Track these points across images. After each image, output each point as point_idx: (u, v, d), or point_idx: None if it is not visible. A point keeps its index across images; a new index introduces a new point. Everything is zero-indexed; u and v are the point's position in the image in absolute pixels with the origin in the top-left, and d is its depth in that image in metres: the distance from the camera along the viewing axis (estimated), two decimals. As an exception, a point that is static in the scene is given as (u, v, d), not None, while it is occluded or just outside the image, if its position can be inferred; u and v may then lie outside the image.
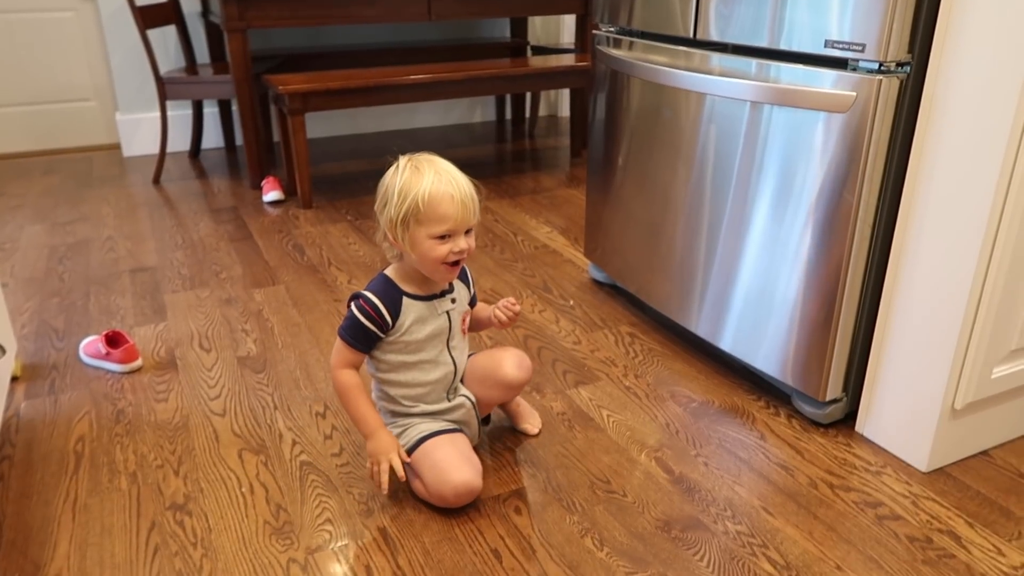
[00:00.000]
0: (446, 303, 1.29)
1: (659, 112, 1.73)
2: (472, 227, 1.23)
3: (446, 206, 1.18)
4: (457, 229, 1.20)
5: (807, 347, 1.45)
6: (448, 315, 1.30)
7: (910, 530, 1.23)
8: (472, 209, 1.21)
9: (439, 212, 1.18)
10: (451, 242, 1.20)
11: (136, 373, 1.72)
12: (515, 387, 1.37)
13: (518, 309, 1.35)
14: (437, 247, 1.20)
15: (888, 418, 1.41)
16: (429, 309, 1.27)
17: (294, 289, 2.14)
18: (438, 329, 1.29)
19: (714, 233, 1.62)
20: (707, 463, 1.40)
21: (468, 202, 1.20)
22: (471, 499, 1.27)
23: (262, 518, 1.27)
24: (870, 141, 1.28)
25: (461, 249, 1.21)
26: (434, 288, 1.29)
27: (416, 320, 1.27)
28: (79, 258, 2.39)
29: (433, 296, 1.28)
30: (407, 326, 1.26)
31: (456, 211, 1.19)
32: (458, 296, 1.32)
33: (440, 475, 1.24)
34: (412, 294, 1.27)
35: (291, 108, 2.69)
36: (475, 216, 1.22)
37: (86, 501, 1.32)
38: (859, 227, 1.33)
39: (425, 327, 1.27)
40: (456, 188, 1.19)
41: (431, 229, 1.19)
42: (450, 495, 1.24)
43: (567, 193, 2.97)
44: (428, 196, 1.17)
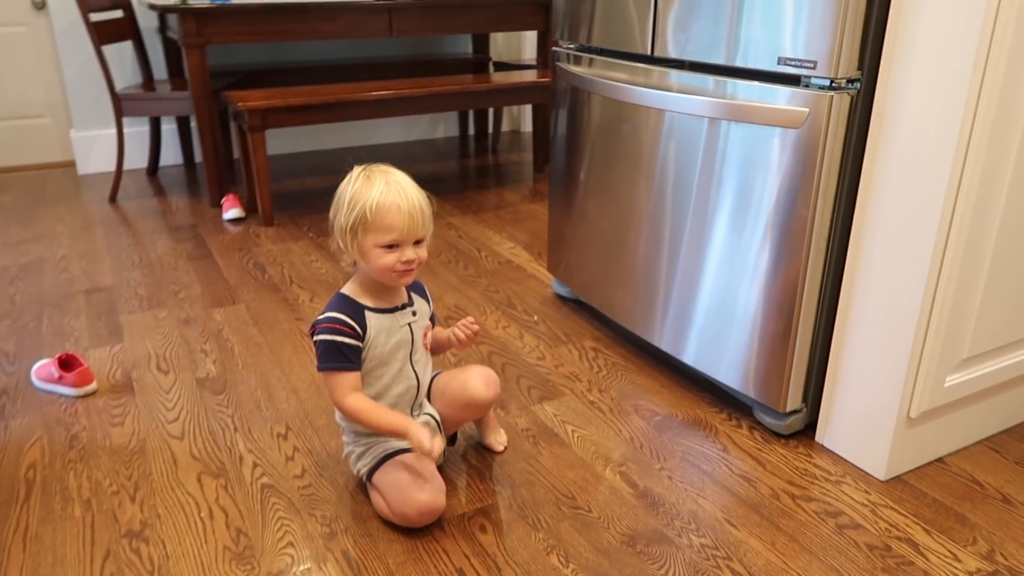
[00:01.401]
0: (407, 315, 1.29)
1: (619, 128, 1.75)
2: (422, 238, 1.23)
3: (393, 216, 1.18)
4: (404, 239, 1.20)
5: (767, 359, 1.47)
6: (410, 327, 1.29)
7: (869, 538, 1.24)
8: (420, 221, 1.21)
9: (386, 222, 1.19)
10: (399, 252, 1.21)
11: (91, 397, 1.68)
12: (483, 406, 1.36)
13: (477, 328, 1.34)
14: (384, 256, 1.20)
15: (846, 428, 1.43)
16: (391, 320, 1.27)
17: (255, 308, 2.11)
18: (401, 341, 1.28)
19: (675, 247, 1.64)
20: (671, 476, 1.40)
21: (416, 214, 1.20)
22: (434, 518, 1.25)
23: (222, 543, 1.25)
24: (823, 155, 1.31)
25: (408, 259, 1.21)
26: (394, 301, 1.28)
27: (379, 331, 1.26)
28: (32, 279, 2.33)
29: (394, 308, 1.28)
30: (372, 337, 1.25)
31: (403, 222, 1.19)
32: (418, 310, 1.32)
33: (403, 494, 1.23)
34: (372, 307, 1.26)
35: (251, 125, 2.66)
36: (424, 228, 1.22)
37: (37, 530, 1.28)
38: (815, 240, 1.36)
39: (389, 338, 1.27)
40: (404, 199, 1.19)
41: (378, 238, 1.20)
42: (413, 514, 1.23)
43: (530, 208, 2.99)
44: (376, 206, 1.18)
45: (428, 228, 1.24)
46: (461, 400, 1.34)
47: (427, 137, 4.26)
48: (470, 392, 1.33)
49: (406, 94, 2.86)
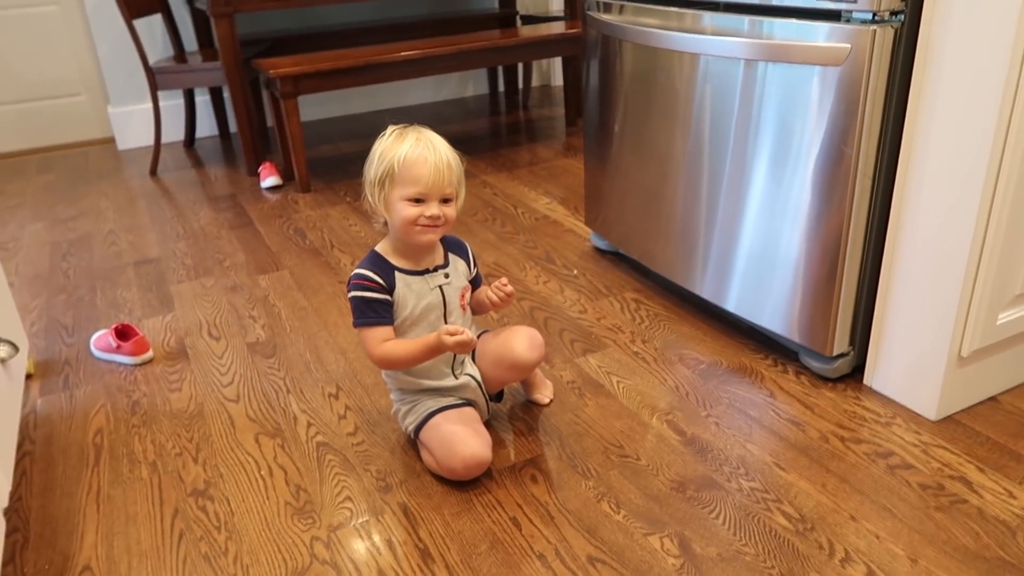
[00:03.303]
0: (438, 278, 1.30)
1: (653, 75, 1.72)
2: (450, 197, 1.23)
3: (419, 168, 1.20)
4: (430, 194, 1.21)
5: (812, 303, 1.46)
6: (441, 290, 1.30)
7: (922, 478, 1.24)
8: (447, 177, 1.21)
9: (412, 173, 1.20)
10: (424, 206, 1.21)
11: (148, 364, 1.73)
12: (527, 367, 1.36)
13: (510, 290, 1.31)
14: (408, 208, 1.21)
15: (896, 369, 1.42)
16: (421, 283, 1.28)
17: (298, 273, 2.14)
18: (432, 303, 1.29)
19: (714, 194, 1.62)
20: (718, 423, 1.41)
21: (443, 168, 1.21)
22: (481, 471, 1.28)
23: (283, 499, 1.29)
24: (867, 93, 1.28)
25: (432, 215, 1.21)
26: (425, 263, 1.29)
27: (408, 293, 1.28)
28: (82, 254, 2.39)
29: (425, 271, 1.29)
30: (400, 299, 1.27)
31: (429, 174, 1.20)
32: (453, 272, 1.32)
33: (449, 448, 1.26)
34: (402, 268, 1.28)
35: (283, 92, 2.67)
36: (451, 185, 1.22)
37: (109, 492, 1.34)
38: (859, 180, 1.33)
39: (419, 301, 1.28)
40: (432, 152, 1.21)
41: (404, 190, 1.21)
42: (459, 467, 1.26)
43: (564, 163, 2.97)
44: (404, 158, 1.20)
45: (457, 188, 1.24)
46: (506, 362, 1.34)
47: (457, 96, 4.23)
48: (515, 354, 1.33)
49: (434, 53, 2.84)
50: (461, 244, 1.37)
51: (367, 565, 1.15)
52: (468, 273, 1.36)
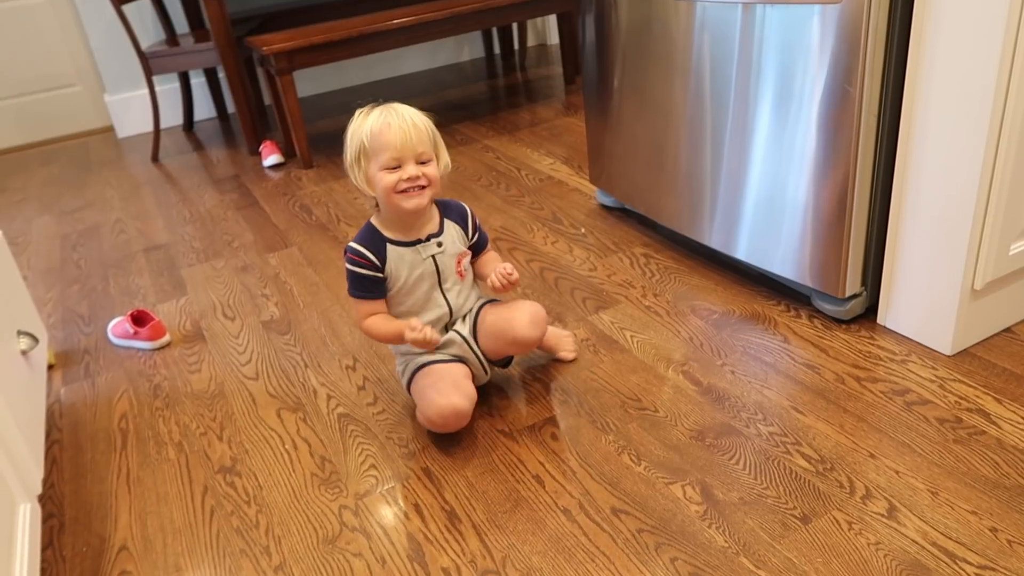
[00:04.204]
0: (431, 247, 1.30)
1: (650, 26, 1.70)
2: (426, 158, 1.23)
3: (386, 135, 1.21)
4: (403, 156, 1.21)
5: (822, 245, 1.46)
6: (434, 259, 1.30)
7: (939, 413, 1.25)
8: (416, 136, 1.21)
9: (381, 141, 1.21)
10: (400, 171, 1.22)
11: (166, 348, 1.75)
12: (528, 344, 1.34)
13: (515, 278, 1.29)
14: (386, 176, 1.22)
15: (909, 306, 1.42)
16: (412, 254, 1.29)
17: (307, 249, 2.15)
18: (424, 273, 1.30)
19: (718, 143, 1.61)
20: (734, 371, 1.42)
21: (408, 128, 1.21)
22: (458, 422, 1.28)
23: (309, 471, 1.32)
24: (867, 30, 1.25)
25: (410, 176, 1.21)
26: (417, 233, 1.29)
27: (400, 265, 1.29)
28: (92, 243, 2.41)
29: (417, 241, 1.29)
30: (393, 271, 1.29)
31: (396, 137, 1.20)
32: (446, 240, 1.31)
33: (427, 399, 1.28)
34: (394, 240, 1.28)
35: (278, 68, 2.65)
36: (423, 144, 1.22)
37: (138, 474, 1.37)
38: (864, 118, 1.32)
39: (412, 271, 1.29)
40: (396, 117, 1.21)
41: (378, 160, 1.22)
42: (435, 417, 1.27)
43: (565, 122, 2.94)
44: (370, 130, 1.22)
45: (433, 148, 1.24)
46: (506, 337, 1.33)
47: (453, 61, 4.19)
48: (515, 330, 1.32)
49: (427, 19, 2.81)
50: (460, 209, 1.37)
51: (395, 530, 1.17)
52: (465, 239, 1.35)
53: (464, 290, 1.36)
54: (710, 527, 1.10)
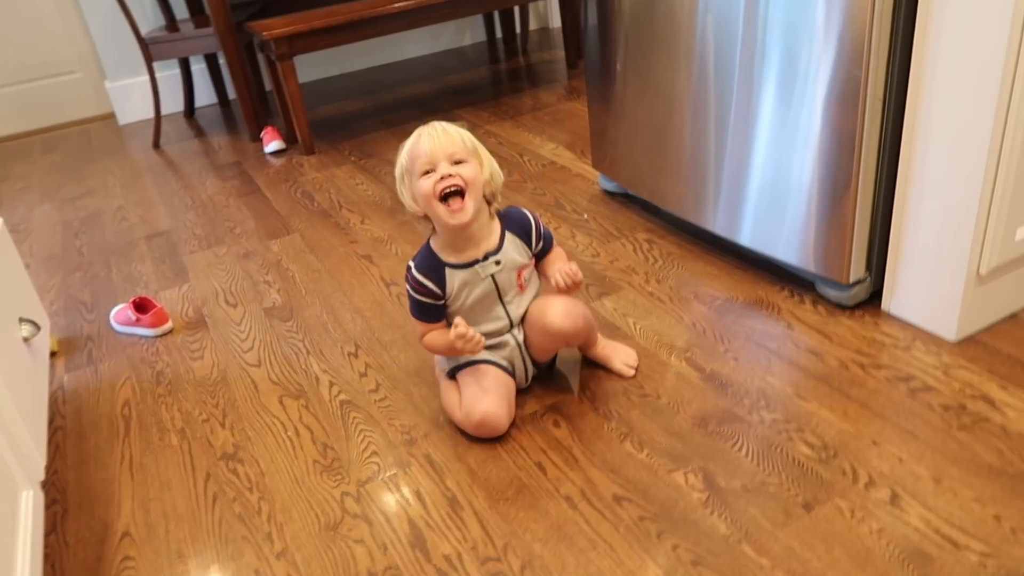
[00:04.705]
0: (489, 267, 1.27)
1: (653, 9, 1.68)
2: (460, 158, 1.21)
3: (418, 145, 1.22)
4: (434, 158, 1.20)
5: (826, 231, 1.45)
6: (494, 279, 1.28)
7: (943, 399, 1.24)
8: (447, 139, 1.21)
9: (414, 153, 1.23)
10: (435, 173, 1.20)
11: (168, 335, 1.75)
12: (561, 336, 1.31)
13: (579, 279, 1.25)
14: (424, 183, 1.21)
15: (913, 292, 1.41)
16: (471, 275, 1.27)
17: (309, 236, 2.15)
18: (485, 291, 1.28)
19: (722, 127, 1.60)
20: (737, 358, 1.41)
21: (438, 134, 1.21)
22: (491, 432, 1.28)
23: (311, 458, 1.32)
24: (873, 12, 1.24)
25: (444, 175, 1.19)
26: (474, 252, 1.27)
27: (461, 287, 1.28)
28: (94, 231, 2.40)
29: (474, 262, 1.27)
30: (453, 294, 1.28)
31: (426, 143, 1.21)
32: (505, 256, 1.28)
33: (471, 401, 1.27)
34: (452, 263, 1.27)
35: (278, 53, 2.64)
36: (455, 146, 1.21)
37: (141, 460, 1.37)
38: (869, 102, 1.30)
39: (472, 291, 1.28)
40: (428, 128, 1.23)
41: (417, 168, 1.22)
42: (474, 422, 1.27)
43: (568, 107, 2.92)
44: (408, 148, 1.24)
45: (468, 153, 1.22)
46: (538, 325, 1.31)
47: (455, 46, 4.16)
48: (546, 319, 1.29)
49: (428, 2, 2.78)
50: (522, 220, 1.31)
51: (397, 516, 1.17)
52: (527, 251, 1.31)
53: (526, 299, 1.33)
54: (712, 514, 1.09)
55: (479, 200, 1.23)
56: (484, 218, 1.27)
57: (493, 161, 1.27)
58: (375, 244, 2.04)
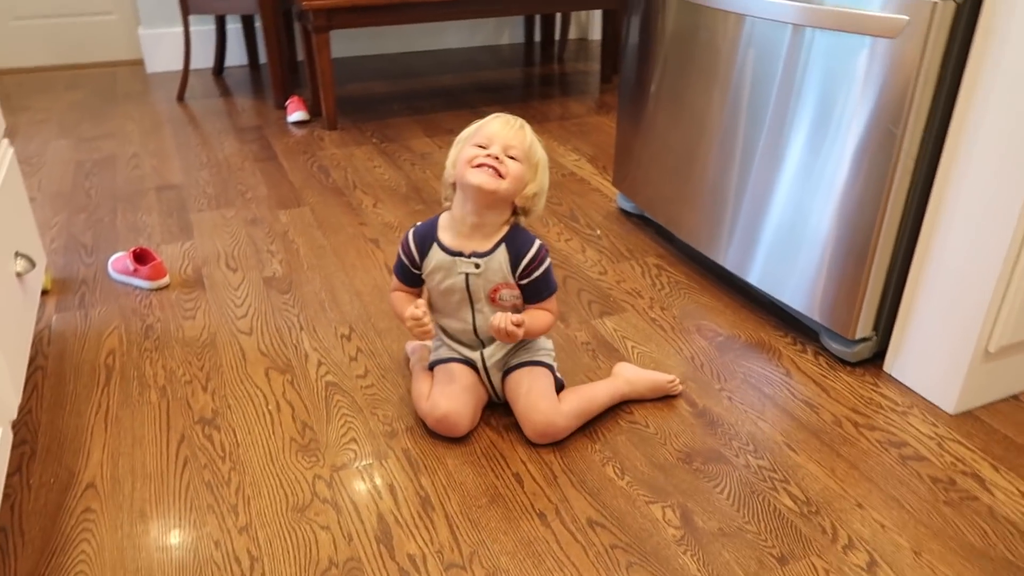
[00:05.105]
0: (467, 264, 1.24)
1: (695, 34, 1.66)
2: (514, 153, 1.21)
3: (492, 123, 1.24)
4: (492, 139, 1.21)
5: (838, 283, 1.43)
6: (467, 278, 1.25)
7: (934, 471, 1.22)
8: (516, 133, 1.22)
9: (484, 126, 1.24)
10: (486, 150, 1.20)
11: (164, 290, 1.73)
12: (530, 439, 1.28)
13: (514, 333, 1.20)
14: (471, 149, 1.22)
15: (918, 358, 1.39)
16: (449, 263, 1.25)
17: (319, 211, 2.13)
18: (454, 286, 1.26)
19: (747, 163, 1.58)
20: (731, 397, 1.39)
21: (514, 127, 1.23)
22: (448, 432, 1.26)
23: (288, 435, 1.30)
24: (920, 69, 1.22)
25: (491, 154, 1.19)
26: (467, 243, 1.25)
27: (435, 268, 1.27)
28: (105, 174, 2.38)
29: (459, 253, 1.25)
30: (428, 270, 1.28)
31: (498, 127, 1.23)
32: (489, 264, 1.24)
33: (434, 395, 1.28)
34: (443, 243, 1.26)
35: (316, 25, 2.62)
36: (518, 142, 1.21)
37: (117, 413, 1.35)
38: (902, 160, 1.28)
39: (444, 279, 1.27)
40: (510, 117, 1.25)
41: (474, 140, 1.23)
42: (431, 414, 1.27)
43: (596, 120, 2.91)
44: (483, 121, 1.25)
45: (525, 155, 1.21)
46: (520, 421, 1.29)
47: (491, 43, 4.15)
48: (524, 430, 1.27)
49: (473, -4, 2.77)
50: (523, 244, 1.25)
51: (367, 508, 1.15)
52: (508, 273, 1.25)
53: None
54: (685, 553, 1.07)
55: (510, 194, 1.22)
56: (497, 218, 1.24)
57: (546, 185, 1.27)
58: (384, 229, 2.02)
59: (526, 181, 1.22)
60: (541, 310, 1.28)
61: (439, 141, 2.66)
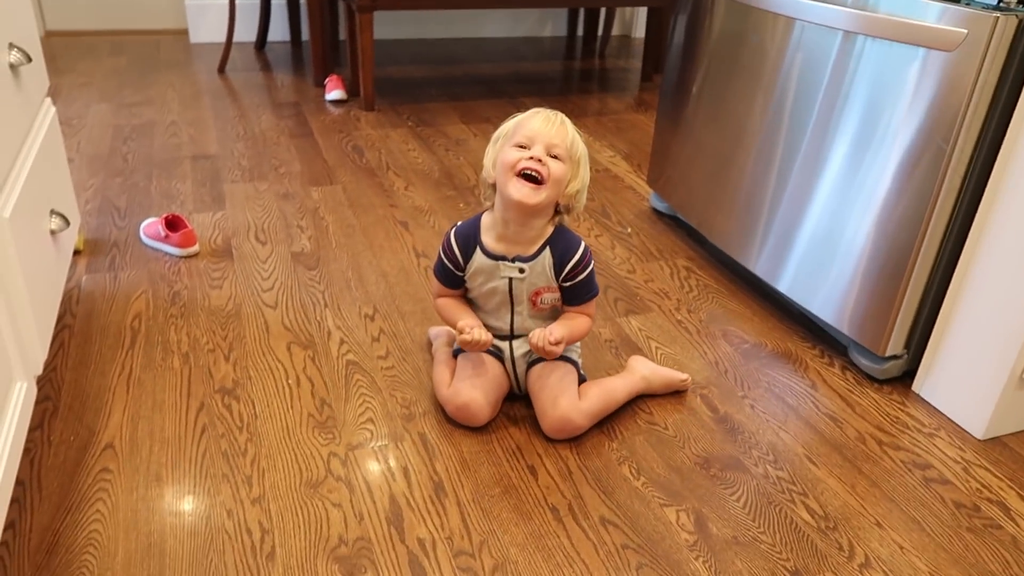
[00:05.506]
0: (511, 269, 1.23)
1: (743, 36, 1.63)
2: (557, 152, 1.17)
3: (532, 121, 1.19)
4: (534, 138, 1.17)
5: (871, 298, 1.40)
6: (510, 282, 1.24)
7: (958, 496, 1.19)
8: (557, 130, 1.18)
9: (524, 123, 1.20)
10: (526, 151, 1.17)
11: (193, 258, 1.74)
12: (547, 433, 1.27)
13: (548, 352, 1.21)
14: (511, 152, 1.18)
15: (949, 380, 1.36)
16: (492, 268, 1.24)
17: (351, 190, 2.13)
18: (497, 289, 1.25)
19: (786, 169, 1.55)
20: (754, 405, 1.37)
21: (554, 121, 1.19)
22: (468, 421, 1.26)
23: (307, 410, 1.30)
24: (975, 85, 1.19)
25: (533, 156, 1.16)
26: (511, 247, 1.23)
27: (477, 271, 1.25)
28: (143, 140, 2.41)
29: (502, 258, 1.23)
30: (470, 272, 1.26)
31: (538, 124, 1.18)
32: (532, 268, 1.23)
33: (457, 383, 1.27)
34: (485, 247, 1.24)
35: (360, 4, 2.62)
36: (560, 139, 1.18)
37: (140, 376, 1.36)
38: (949, 177, 1.25)
39: (486, 282, 1.26)
40: (551, 112, 1.21)
41: (515, 138, 1.19)
42: (451, 407, 1.27)
43: (634, 118, 2.88)
44: (522, 118, 1.21)
45: (568, 153, 1.18)
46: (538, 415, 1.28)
47: (533, 35, 4.13)
48: (542, 424, 1.26)
49: (519, -15, 2.75)
50: (568, 248, 1.23)
51: (380, 488, 1.15)
52: (551, 277, 1.24)
53: (538, 320, 1.29)
54: (697, 559, 1.06)
55: (551, 200, 1.19)
56: (540, 222, 1.22)
57: (587, 179, 1.24)
58: (414, 212, 2.02)
59: (568, 180, 1.20)
60: (581, 314, 1.28)
61: (475, 128, 2.65)
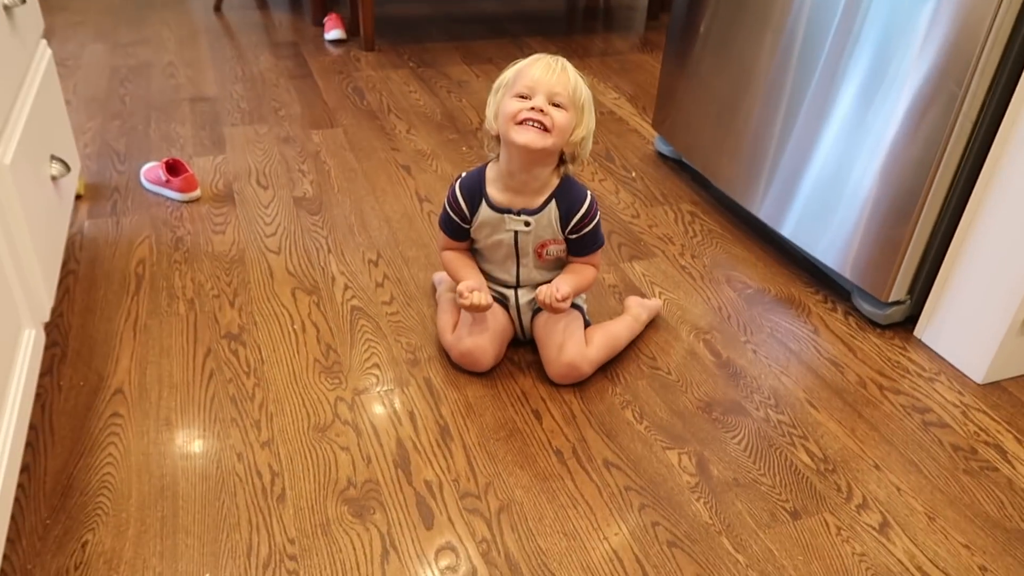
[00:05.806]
0: (516, 222, 1.22)
1: (755, -25, 1.59)
2: (559, 100, 1.15)
3: (531, 68, 1.16)
4: (536, 87, 1.14)
5: (875, 243, 1.39)
6: (515, 235, 1.24)
7: (955, 439, 1.21)
8: (559, 78, 1.15)
9: (523, 72, 1.17)
10: (528, 101, 1.15)
11: (195, 203, 1.73)
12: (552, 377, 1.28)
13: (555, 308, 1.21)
14: (513, 103, 1.15)
15: (950, 326, 1.36)
16: (498, 220, 1.23)
17: (352, 133, 2.10)
18: (503, 242, 1.25)
19: (793, 112, 1.53)
20: (756, 350, 1.38)
21: (557, 70, 1.15)
22: (473, 366, 1.27)
23: (312, 356, 1.31)
24: (991, 29, 1.16)
25: (534, 107, 1.14)
26: (517, 199, 1.22)
27: (483, 223, 1.25)
28: (140, 81, 2.37)
29: (507, 211, 1.22)
30: (475, 225, 1.26)
31: (538, 69, 1.15)
32: (539, 221, 1.22)
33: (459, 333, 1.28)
34: (491, 199, 1.23)
35: (358, -60, 2.54)
36: (562, 87, 1.14)
37: (146, 321, 1.37)
38: (960, 122, 1.23)
39: (492, 234, 1.25)
40: (552, 59, 1.17)
41: (516, 87, 1.16)
42: (455, 353, 1.28)
43: (639, 58, 2.82)
44: (522, 65, 1.18)
45: (570, 101, 1.15)
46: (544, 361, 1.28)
47: (536, -29, 4.01)
48: (548, 369, 1.27)
49: (522, -81, 2.66)
50: (575, 199, 1.22)
51: (386, 432, 1.17)
52: (558, 230, 1.24)
53: (542, 272, 1.29)
54: (698, 500, 1.08)
55: (556, 148, 1.18)
56: (545, 171, 1.21)
57: (592, 126, 1.21)
58: (417, 156, 2.00)
59: (573, 127, 1.18)
60: (586, 265, 1.28)
61: (477, 70, 2.61)
